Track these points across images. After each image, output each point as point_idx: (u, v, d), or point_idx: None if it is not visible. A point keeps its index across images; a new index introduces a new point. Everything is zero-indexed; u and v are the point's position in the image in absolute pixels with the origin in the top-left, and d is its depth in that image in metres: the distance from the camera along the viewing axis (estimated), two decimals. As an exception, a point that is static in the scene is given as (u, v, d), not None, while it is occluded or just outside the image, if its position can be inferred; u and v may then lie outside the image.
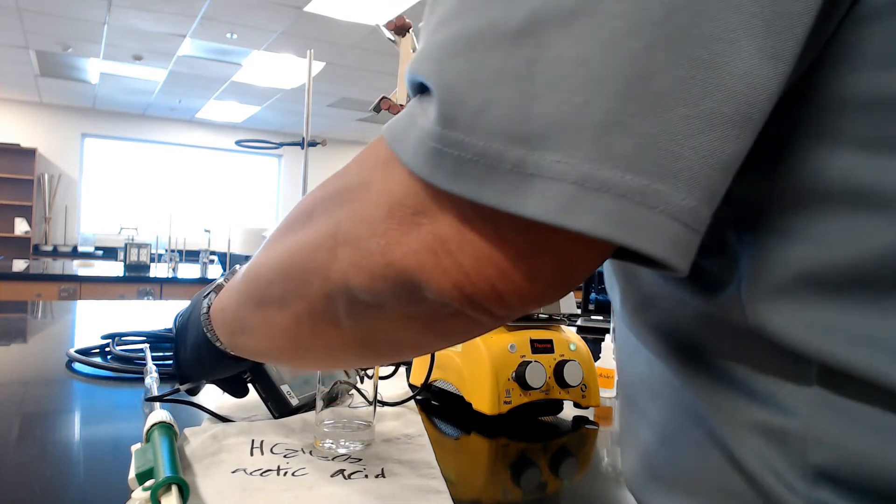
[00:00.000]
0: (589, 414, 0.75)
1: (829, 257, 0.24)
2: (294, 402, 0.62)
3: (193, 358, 0.53)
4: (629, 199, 0.22)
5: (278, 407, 0.62)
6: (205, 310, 0.49)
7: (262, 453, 0.53)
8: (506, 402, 0.66)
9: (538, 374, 0.67)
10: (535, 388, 0.67)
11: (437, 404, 0.74)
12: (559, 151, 0.22)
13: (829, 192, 0.24)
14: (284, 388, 0.62)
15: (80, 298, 3.35)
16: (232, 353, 0.49)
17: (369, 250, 0.28)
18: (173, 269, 3.87)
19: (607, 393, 0.84)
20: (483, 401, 0.66)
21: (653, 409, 0.34)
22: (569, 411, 0.74)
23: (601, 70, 0.22)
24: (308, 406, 0.63)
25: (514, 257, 0.25)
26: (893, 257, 0.23)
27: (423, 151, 0.25)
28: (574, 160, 0.22)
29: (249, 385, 0.62)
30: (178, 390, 0.57)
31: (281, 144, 2.65)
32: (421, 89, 0.27)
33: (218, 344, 0.49)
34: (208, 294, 0.51)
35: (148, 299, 3.47)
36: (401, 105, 0.97)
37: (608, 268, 0.38)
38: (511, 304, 0.26)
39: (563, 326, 0.74)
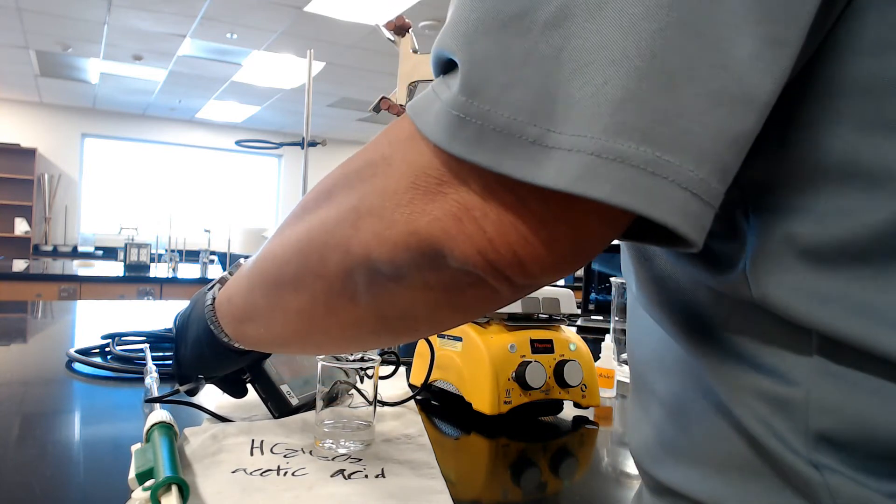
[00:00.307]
0: (589, 414, 0.75)
1: (829, 233, 0.26)
2: (294, 401, 0.62)
3: (194, 355, 0.53)
4: (642, 170, 0.23)
5: (278, 407, 0.62)
6: (209, 301, 0.49)
7: (262, 453, 0.53)
8: (506, 402, 0.66)
9: (538, 374, 0.67)
10: (535, 388, 0.67)
11: (437, 404, 0.74)
12: (578, 125, 0.24)
13: (830, 171, 0.25)
14: (284, 388, 0.62)
15: (80, 298, 3.35)
16: (238, 344, 0.49)
17: (393, 220, 0.29)
18: (173, 269, 3.87)
19: (607, 393, 0.84)
20: (483, 401, 0.66)
21: (663, 384, 0.35)
22: (569, 411, 0.74)
23: (619, 52, 0.23)
24: (308, 406, 0.63)
25: (535, 225, 0.26)
26: (889, 232, 0.25)
27: (446, 121, 0.26)
28: (592, 132, 0.23)
29: (249, 385, 0.62)
30: (177, 391, 0.57)
31: (281, 144, 2.65)
32: (445, 68, 0.28)
33: (222, 337, 0.49)
34: (212, 287, 0.50)
35: (148, 299, 3.47)
36: (401, 105, 0.97)
37: (624, 252, 0.39)
38: (531, 271, 0.28)
39: (563, 326, 0.74)
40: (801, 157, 0.26)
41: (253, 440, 0.55)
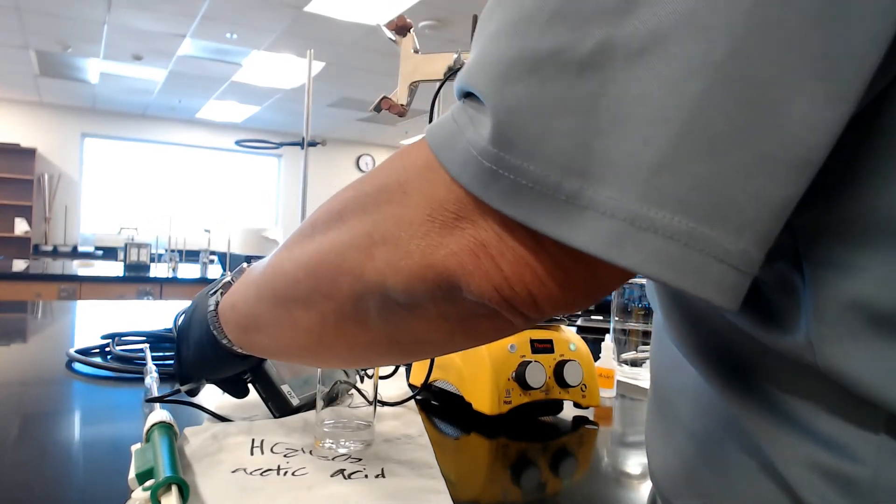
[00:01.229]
0: (589, 414, 0.75)
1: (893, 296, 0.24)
2: (295, 402, 0.62)
3: (196, 357, 0.52)
4: (676, 241, 0.22)
5: (279, 407, 0.62)
6: (212, 307, 0.49)
7: (262, 452, 0.53)
8: (506, 402, 0.66)
9: (538, 374, 0.67)
10: (535, 388, 0.67)
11: (437, 404, 0.74)
12: (613, 188, 0.23)
13: (885, 226, 0.24)
14: (285, 388, 0.62)
15: (79, 298, 3.35)
16: (240, 350, 0.49)
17: (409, 251, 0.29)
18: (173, 269, 3.87)
19: (607, 393, 0.84)
20: (483, 401, 0.66)
21: (698, 423, 0.34)
22: (569, 411, 0.74)
23: (659, 111, 0.22)
24: (308, 406, 0.63)
25: (552, 267, 0.26)
26: None
27: (477, 169, 0.26)
28: (626, 198, 0.23)
29: (249, 385, 0.62)
30: (178, 391, 0.57)
31: (281, 144, 2.65)
32: (468, 95, 0.27)
33: (224, 341, 0.48)
34: (215, 292, 0.50)
35: (148, 299, 3.47)
36: (401, 105, 0.97)
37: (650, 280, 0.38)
38: (544, 308, 0.28)
39: (563, 326, 0.74)
40: (852, 207, 0.24)
41: (253, 439, 0.55)
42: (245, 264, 0.50)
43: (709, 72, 0.22)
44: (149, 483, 0.42)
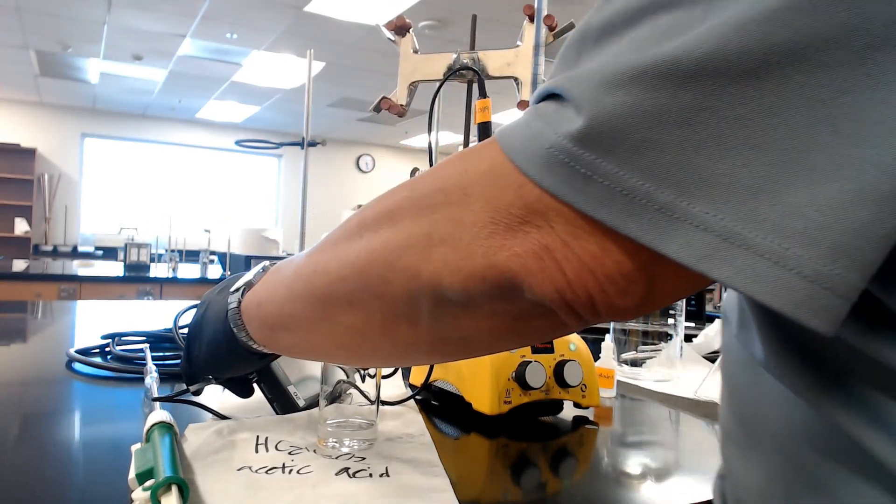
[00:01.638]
0: (589, 414, 0.75)
1: None
2: (301, 402, 0.62)
3: (209, 355, 0.52)
4: (767, 259, 0.23)
5: (284, 407, 0.62)
6: (234, 304, 0.49)
7: (267, 450, 0.53)
8: (506, 402, 0.66)
9: (538, 374, 0.67)
10: (535, 388, 0.67)
11: (437, 404, 0.74)
12: (709, 204, 0.24)
13: None
14: (291, 389, 0.62)
15: (79, 298, 3.35)
16: (261, 348, 0.48)
17: (470, 251, 0.29)
18: (173, 269, 3.87)
19: (607, 393, 0.84)
20: (483, 401, 0.66)
21: (790, 442, 0.32)
22: (569, 411, 0.74)
23: (761, 136, 0.23)
24: (313, 406, 0.63)
25: (614, 274, 0.27)
26: None
27: (566, 173, 0.26)
28: (721, 215, 0.23)
29: (255, 385, 0.62)
30: (184, 391, 0.57)
31: (281, 144, 2.65)
32: (548, 98, 0.28)
33: (243, 338, 0.48)
34: (237, 290, 0.50)
35: (148, 299, 3.47)
36: (401, 105, 0.97)
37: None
38: (601, 312, 0.28)
39: (563, 326, 0.74)
40: None
41: (258, 437, 0.55)
42: (267, 263, 0.50)
43: (815, 107, 0.22)
44: (149, 483, 0.42)
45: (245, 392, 0.62)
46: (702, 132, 0.24)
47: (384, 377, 0.72)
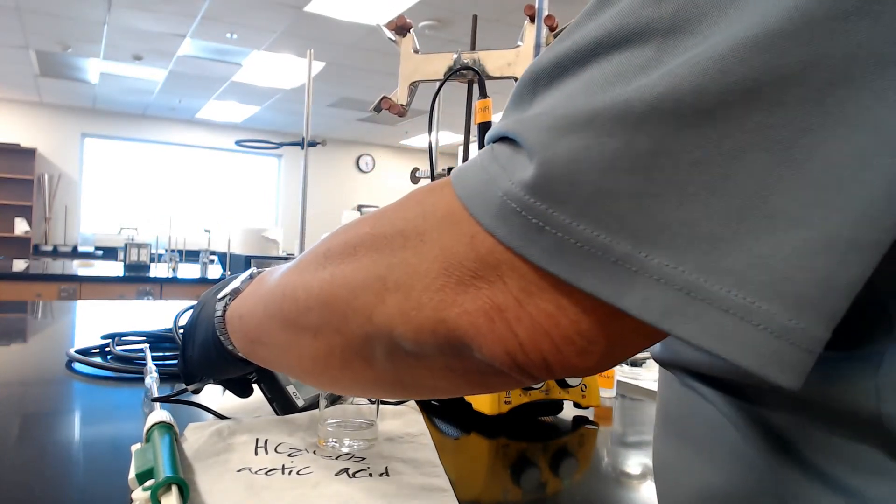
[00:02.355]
0: (589, 414, 0.75)
1: None
2: (300, 402, 0.62)
3: (201, 357, 0.52)
4: (732, 315, 0.22)
5: (283, 407, 0.62)
6: (219, 313, 0.49)
7: (267, 452, 0.53)
8: (506, 402, 0.66)
9: (538, 374, 0.67)
10: (535, 388, 0.67)
11: (437, 404, 0.74)
12: (669, 255, 0.22)
13: None
14: (291, 389, 0.62)
15: (79, 298, 3.35)
16: (246, 358, 0.49)
17: (421, 302, 0.28)
18: (173, 269, 3.87)
19: (607, 393, 0.84)
20: (483, 401, 0.66)
21: (728, 466, 0.33)
22: (569, 411, 0.74)
23: (721, 181, 0.22)
24: (312, 406, 0.63)
25: (571, 334, 0.25)
26: None
27: (519, 224, 0.25)
28: (682, 267, 0.22)
29: (254, 385, 0.62)
30: (185, 390, 0.57)
31: (281, 144, 2.65)
32: (501, 140, 0.27)
33: (230, 347, 0.48)
34: (223, 297, 0.50)
35: (148, 299, 3.47)
36: (401, 105, 0.97)
37: None
38: (556, 372, 0.27)
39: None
40: None
41: (257, 439, 0.55)
42: (255, 270, 0.50)
43: (776, 148, 0.21)
44: (149, 483, 0.42)
45: (244, 392, 0.62)
46: (658, 178, 0.22)
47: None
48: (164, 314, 1.44)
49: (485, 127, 0.79)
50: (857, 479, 0.26)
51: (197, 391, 0.59)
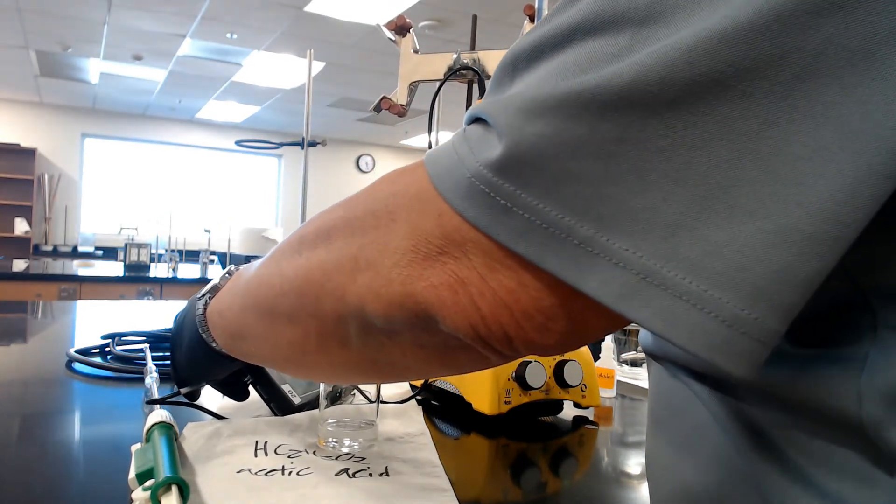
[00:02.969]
0: (589, 414, 0.75)
1: None
2: (296, 400, 0.62)
3: (188, 359, 0.53)
4: (685, 301, 0.22)
5: (281, 407, 0.62)
6: (200, 311, 0.49)
7: (266, 454, 0.53)
8: (506, 402, 0.66)
9: (538, 374, 0.67)
10: (535, 388, 0.67)
11: (437, 404, 0.74)
12: (629, 240, 0.23)
13: None
14: (286, 388, 0.62)
15: (80, 298, 3.35)
16: (230, 354, 0.49)
17: (390, 279, 0.29)
18: (173, 269, 3.87)
19: (607, 393, 0.84)
20: (483, 401, 0.66)
21: (712, 465, 0.33)
22: (569, 411, 0.74)
23: (683, 170, 0.22)
24: (310, 404, 0.63)
25: (531, 311, 0.26)
26: None
27: (485, 203, 0.25)
28: (640, 252, 0.23)
29: (250, 388, 0.62)
30: (178, 393, 0.57)
31: (281, 144, 2.65)
32: (475, 122, 0.27)
33: (214, 345, 0.49)
34: (203, 296, 0.50)
35: (148, 299, 3.47)
36: (401, 105, 0.97)
37: None
38: (519, 349, 0.27)
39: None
40: None
41: (257, 441, 0.55)
42: (233, 267, 0.51)
43: (739, 140, 0.21)
44: (149, 483, 0.42)
45: (240, 395, 0.62)
46: (623, 164, 0.23)
47: (384, 377, 0.72)
48: (164, 314, 1.44)
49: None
50: (839, 483, 0.25)
51: (191, 396, 0.59)
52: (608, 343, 0.88)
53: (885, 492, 0.24)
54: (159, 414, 0.52)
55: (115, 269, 3.94)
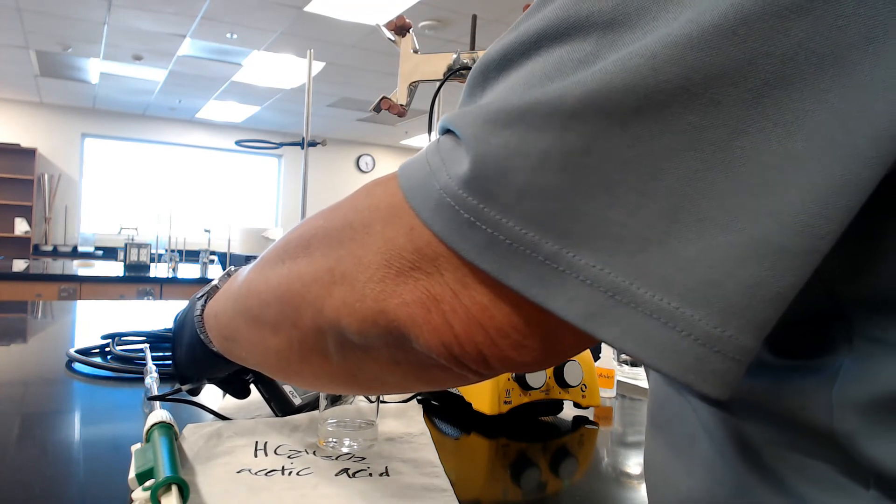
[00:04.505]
0: (589, 414, 0.75)
1: None
2: (297, 401, 0.63)
3: (189, 357, 0.53)
4: (656, 319, 0.21)
5: (281, 407, 0.62)
6: (198, 311, 0.49)
7: (266, 455, 0.53)
8: (506, 402, 0.66)
9: (538, 374, 0.67)
10: (535, 388, 0.67)
11: (437, 404, 0.74)
12: (596, 256, 0.22)
13: None
14: (287, 388, 0.62)
15: (80, 298, 3.35)
16: (225, 356, 0.49)
17: (364, 294, 0.28)
18: (173, 269, 3.87)
19: (607, 393, 0.84)
20: (483, 401, 0.66)
21: (702, 472, 0.33)
22: (569, 411, 0.74)
23: (651, 182, 0.21)
24: (310, 405, 0.63)
25: (505, 328, 0.25)
26: None
27: (451, 217, 0.25)
28: (608, 269, 0.22)
29: (251, 386, 0.62)
30: (179, 390, 0.57)
31: (281, 144, 2.65)
32: (446, 132, 0.27)
33: (211, 346, 0.49)
34: (202, 296, 0.51)
35: (148, 299, 3.47)
36: (401, 105, 0.97)
37: None
38: (495, 368, 0.27)
39: (563, 326, 0.74)
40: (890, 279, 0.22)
41: (257, 442, 0.55)
42: (232, 268, 0.51)
43: (708, 150, 0.21)
44: (149, 483, 0.42)
45: (241, 393, 0.62)
46: (589, 177, 0.22)
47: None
48: (164, 314, 1.44)
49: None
50: (820, 495, 0.25)
51: (193, 392, 0.59)
52: (608, 343, 0.88)
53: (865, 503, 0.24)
54: (159, 414, 0.52)
55: (115, 269, 3.93)
